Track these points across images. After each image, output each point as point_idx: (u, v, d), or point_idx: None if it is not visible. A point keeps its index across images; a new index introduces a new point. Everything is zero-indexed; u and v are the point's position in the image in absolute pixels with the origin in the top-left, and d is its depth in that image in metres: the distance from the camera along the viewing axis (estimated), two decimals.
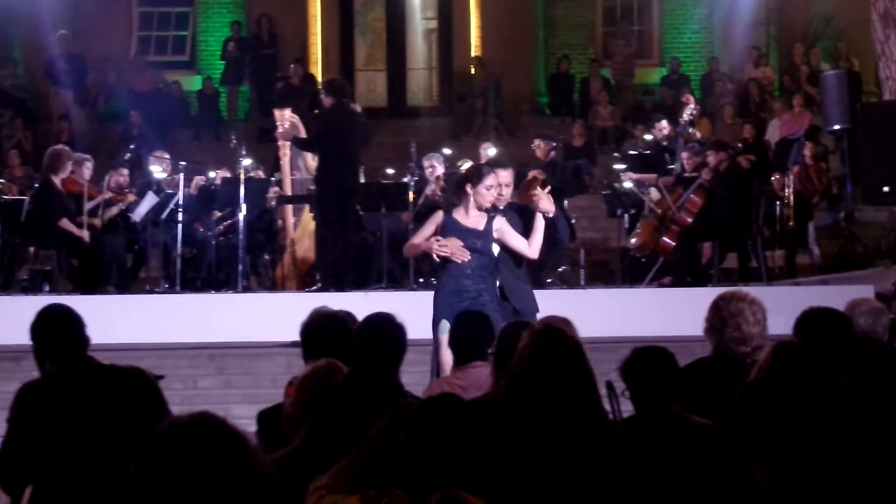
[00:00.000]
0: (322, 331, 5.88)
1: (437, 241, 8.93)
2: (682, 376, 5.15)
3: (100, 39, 22.01)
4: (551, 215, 9.15)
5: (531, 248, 9.06)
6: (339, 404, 4.42)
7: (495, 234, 8.98)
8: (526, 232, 9.07)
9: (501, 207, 9.17)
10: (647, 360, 5.16)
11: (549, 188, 9.51)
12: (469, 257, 8.86)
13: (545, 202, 9.12)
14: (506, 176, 9.25)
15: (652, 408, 5.01)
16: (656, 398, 5.02)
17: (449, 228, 8.98)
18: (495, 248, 9.02)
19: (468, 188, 9.02)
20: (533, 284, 9.96)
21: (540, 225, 9.04)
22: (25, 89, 22.84)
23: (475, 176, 9.11)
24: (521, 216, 9.21)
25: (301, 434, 4.48)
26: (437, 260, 9.02)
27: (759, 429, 3.92)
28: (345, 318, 6.06)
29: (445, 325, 8.56)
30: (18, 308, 11.96)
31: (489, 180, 8.99)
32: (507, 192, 9.26)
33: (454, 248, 8.87)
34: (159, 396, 5.68)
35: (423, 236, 9.15)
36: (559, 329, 4.99)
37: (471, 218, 9.00)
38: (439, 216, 9.16)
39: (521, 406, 3.33)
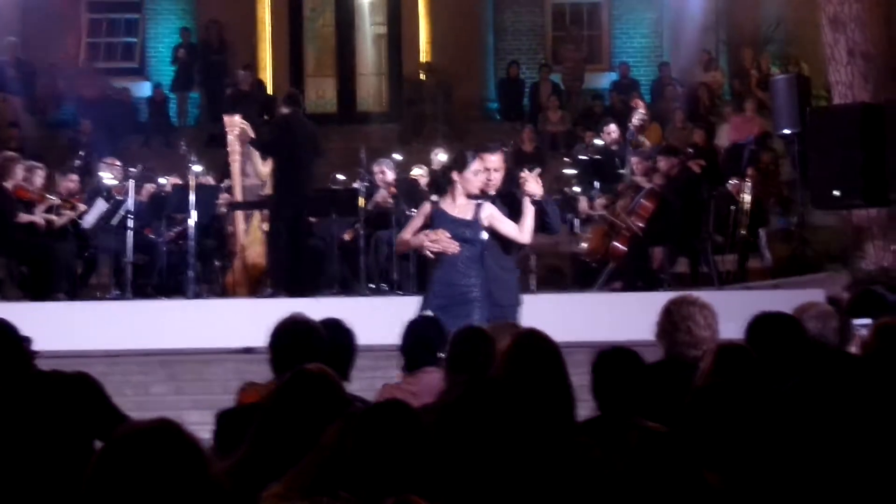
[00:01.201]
0: (291, 337, 5.83)
1: (427, 235, 8.69)
2: (648, 379, 5.14)
3: (49, 46, 21.87)
4: (538, 198, 8.86)
5: (523, 233, 8.79)
6: (278, 410, 4.40)
7: (485, 222, 8.72)
8: (514, 219, 8.81)
9: (492, 193, 8.88)
10: (614, 360, 5.14)
11: (538, 170, 9.31)
12: (458, 249, 8.62)
13: (532, 184, 8.84)
14: (495, 160, 8.88)
15: (616, 411, 5.00)
16: (622, 401, 5.01)
17: (437, 219, 8.72)
18: (484, 236, 8.75)
19: (454, 175, 8.79)
20: None
21: (530, 209, 8.77)
22: None
23: (460, 162, 8.85)
24: (509, 203, 8.93)
25: (244, 443, 4.45)
26: (431, 256, 8.78)
27: (710, 433, 3.94)
28: (316, 325, 6.01)
29: None
30: None
31: (475, 165, 8.72)
32: (497, 178, 8.91)
33: (444, 242, 8.64)
34: (106, 400, 5.67)
35: (411, 230, 8.89)
36: (540, 334, 5.01)
37: (458, 207, 8.74)
38: (427, 208, 8.91)
39: (478, 411, 3.34)
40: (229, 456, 4.45)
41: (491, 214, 8.75)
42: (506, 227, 8.78)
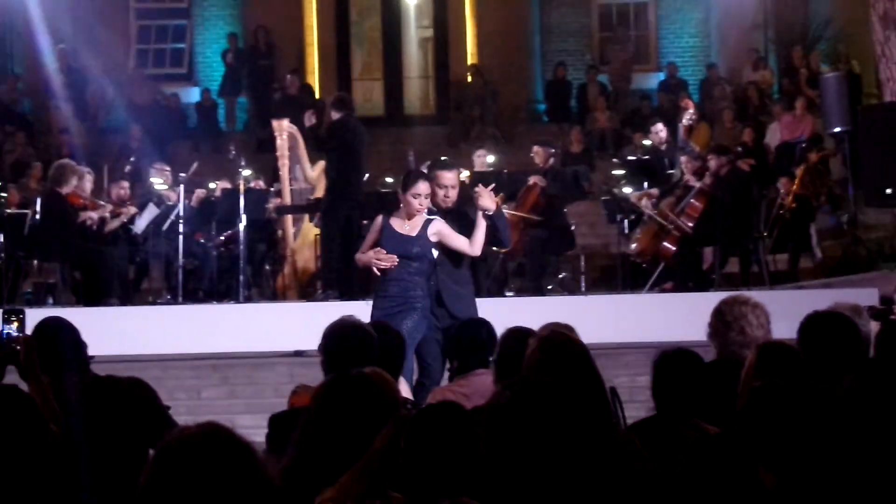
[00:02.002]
0: (343, 340, 5.84)
1: (376, 253, 8.93)
2: (707, 382, 5.11)
3: (99, 53, 22.02)
4: (491, 213, 9.08)
5: (473, 246, 9.00)
6: (317, 414, 4.39)
7: (433, 238, 8.94)
8: (466, 233, 9.02)
9: (448, 207, 9.16)
10: (675, 361, 5.11)
11: (492, 186, 9.45)
12: (395, 264, 8.85)
13: (485, 199, 9.06)
14: (450, 178, 9.18)
15: (674, 411, 4.98)
16: (680, 402, 4.99)
17: (385, 236, 8.99)
18: (435, 252, 8.97)
19: (399, 193, 9.08)
20: (477, 289, 9.91)
21: (482, 223, 8.97)
22: (26, 104, 22.86)
23: (404, 181, 9.12)
24: (462, 218, 9.17)
25: (291, 447, 4.45)
26: (378, 273, 8.98)
27: (767, 433, 3.92)
28: (367, 328, 6.02)
29: None
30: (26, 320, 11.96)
31: (418, 188, 8.92)
32: (453, 194, 9.20)
33: (386, 259, 8.87)
34: (159, 405, 5.70)
35: (366, 245, 9.15)
36: (566, 335, 4.99)
37: (407, 223, 8.97)
38: (378, 222, 9.15)
39: (529, 413, 3.33)
40: (281, 459, 4.46)
41: (439, 230, 8.97)
42: (456, 241, 9.01)
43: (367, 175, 14.59)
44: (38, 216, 14.58)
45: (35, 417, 5.25)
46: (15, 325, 5.40)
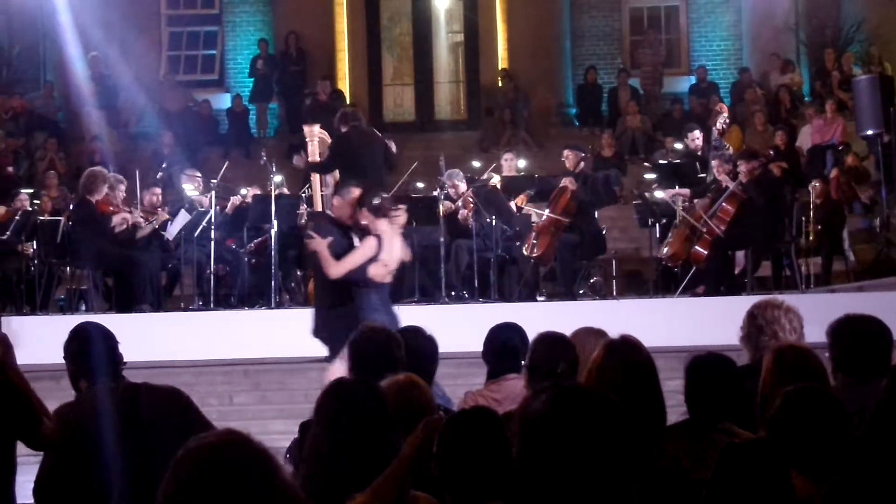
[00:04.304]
0: (370, 345, 5.84)
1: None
2: (739, 387, 5.08)
3: (130, 60, 22.12)
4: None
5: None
6: (317, 421, 4.38)
7: None
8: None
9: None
10: (708, 366, 5.08)
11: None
12: None
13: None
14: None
15: (706, 416, 4.95)
16: (713, 406, 4.96)
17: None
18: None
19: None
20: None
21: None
22: (59, 111, 22.99)
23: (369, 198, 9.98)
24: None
25: (306, 456, 4.44)
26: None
27: (802, 437, 3.90)
28: (394, 333, 6.01)
29: None
30: (56, 327, 12.04)
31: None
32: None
33: None
34: (196, 412, 5.70)
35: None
36: (635, 343, 4.97)
37: None
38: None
39: (563, 421, 3.32)
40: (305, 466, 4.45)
41: None
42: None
43: (384, 183, 14.44)
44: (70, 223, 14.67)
45: (26, 411, 5.29)
46: None
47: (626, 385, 4.52)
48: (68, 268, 15.41)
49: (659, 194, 15.95)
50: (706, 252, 14.70)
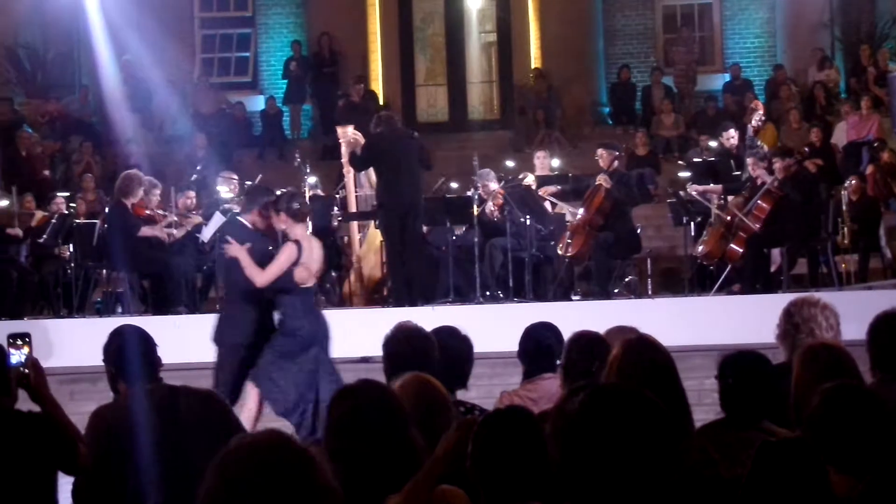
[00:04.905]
0: (402, 346, 5.85)
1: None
2: (775, 385, 5.06)
3: (164, 63, 22.20)
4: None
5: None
6: (332, 424, 4.37)
7: None
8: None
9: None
10: (740, 364, 5.06)
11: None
12: None
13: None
14: None
15: (742, 415, 4.93)
16: (748, 405, 4.94)
17: None
18: None
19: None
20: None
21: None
22: (94, 114, 23.09)
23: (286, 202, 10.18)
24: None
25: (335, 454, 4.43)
26: None
27: (840, 434, 3.88)
28: (425, 333, 6.01)
29: None
30: (93, 330, 12.11)
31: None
32: None
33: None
34: (232, 416, 5.72)
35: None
36: (651, 341, 4.96)
37: None
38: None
39: (598, 420, 3.31)
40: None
41: None
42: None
43: (418, 183, 14.43)
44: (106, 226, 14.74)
45: (65, 441, 5.30)
46: (24, 349, 5.41)
47: (644, 383, 4.50)
48: (104, 271, 15.49)
49: (691, 190, 15.90)
50: (742, 250, 14.65)
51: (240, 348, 10.01)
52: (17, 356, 5.36)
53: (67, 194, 17.73)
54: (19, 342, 5.40)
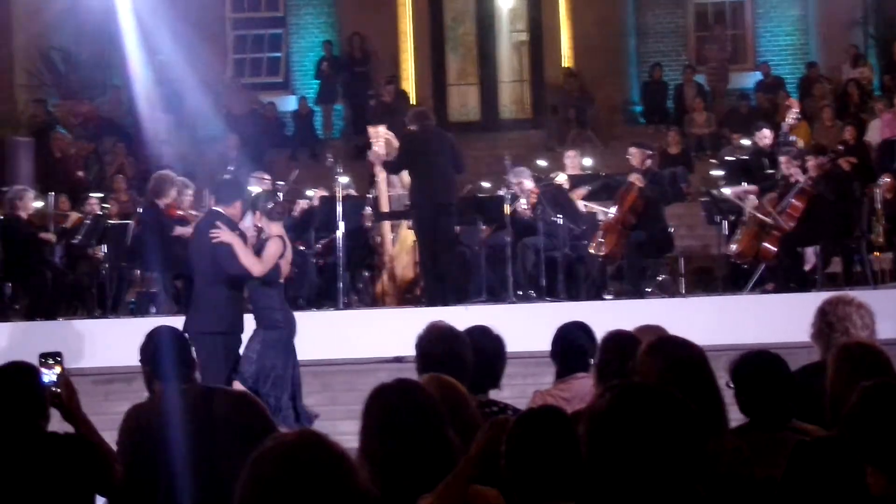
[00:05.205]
0: (435, 346, 5.85)
1: None
2: (795, 384, 5.04)
3: (195, 64, 22.26)
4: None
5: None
6: (375, 426, 4.37)
7: None
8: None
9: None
10: (759, 365, 5.03)
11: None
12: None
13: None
14: None
15: (765, 416, 4.90)
16: (773, 407, 4.91)
17: None
18: None
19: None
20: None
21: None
22: (127, 115, 23.18)
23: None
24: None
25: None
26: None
27: (879, 433, 3.86)
28: (457, 332, 6.01)
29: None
30: (127, 330, 12.16)
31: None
32: None
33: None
34: (265, 416, 5.73)
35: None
36: (680, 340, 4.93)
37: None
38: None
39: (628, 418, 3.30)
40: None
41: None
42: None
43: (452, 182, 14.40)
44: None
45: (102, 463, 5.31)
46: (56, 368, 5.41)
47: (672, 382, 4.48)
48: (138, 271, 15.55)
49: (726, 191, 15.85)
50: (775, 249, 14.60)
51: (222, 337, 10.14)
52: (49, 376, 5.36)
53: (101, 195, 17.79)
54: (51, 361, 5.40)
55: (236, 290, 10.35)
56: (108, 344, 13.26)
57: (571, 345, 6.63)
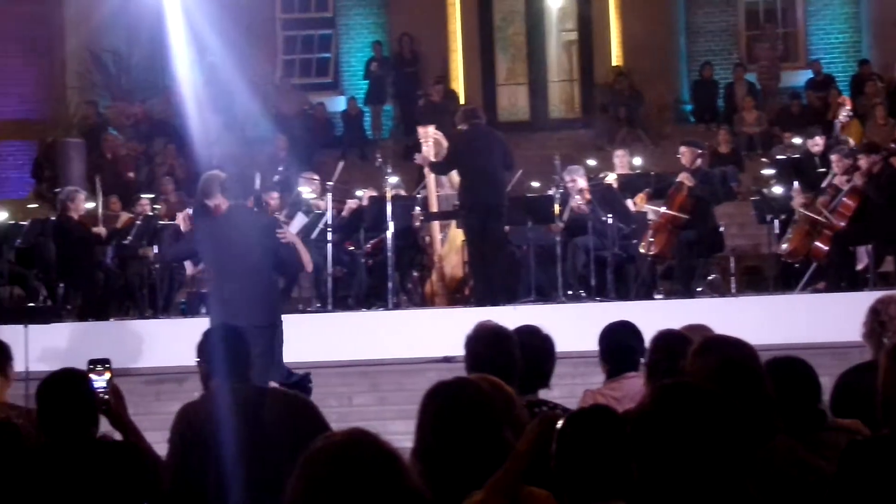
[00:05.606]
0: (484, 345, 5.84)
1: None
2: (818, 388, 4.98)
3: (245, 65, 22.36)
4: None
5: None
6: (431, 422, 4.36)
7: None
8: None
9: None
10: (787, 371, 4.98)
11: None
12: None
13: None
14: None
15: (798, 423, 4.86)
16: (801, 413, 4.87)
17: None
18: None
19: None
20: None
21: None
22: (176, 116, 23.30)
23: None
24: None
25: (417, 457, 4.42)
26: None
27: None
28: (507, 332, 6.00)
29: None
30: (178, 330, 12.26)
31: None
32: None
33: None
34: (318, 416, 5.74)
35: None
36: (729, 340, 4.89)
37: None
38: None
39: (673, 418, 3.29)
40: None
41: None
42: None
43: (502, 182, 14.38)
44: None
45: (150, 471, 5.32)
46: (105, 374, 5.42)
47: (718, 382, 4.44)
48: (188, 272, 15.62)
49: (778, 191, 15.76)
50: (827, 248, 14.50)
51: (272, 329, 10.45)
52: (98, 382, 5.38)
53: (152, 196, 17.91)
54: (100, 367, 5.41)
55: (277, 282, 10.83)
56: (160, 344, 13.36)
57: (619, 345, 6.62)
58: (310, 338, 13.08)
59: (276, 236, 10.69)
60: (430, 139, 15.14)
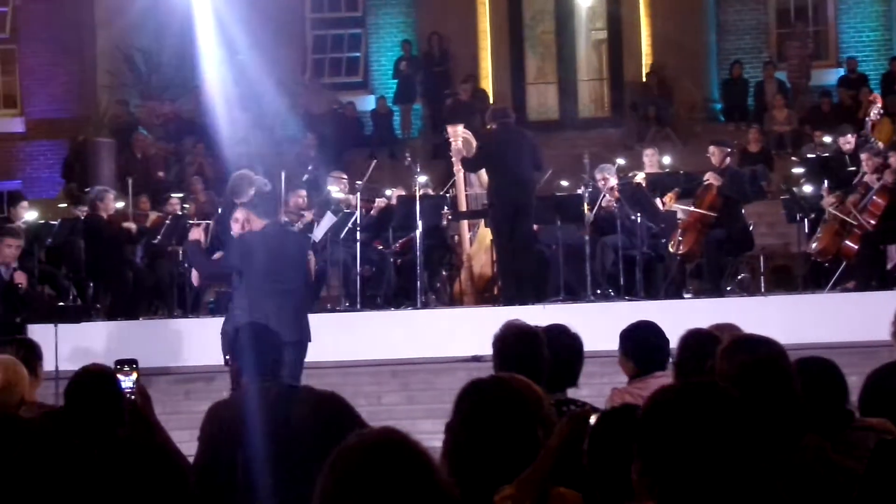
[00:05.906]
0: (512, 344, 5.84)
1: None
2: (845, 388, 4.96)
3: (275, 64, 22.41)
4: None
5: None
6: (465, 419, 4.36)
7: None
8: None
9: None
10: (815, 371, 4.96)
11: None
12: None
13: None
14: None
15: (824, 423, 4.85)
16: (826, 414, 4.85)
17: None
18: None
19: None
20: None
21: None
22: (206, 115, 23.36)
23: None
24: None
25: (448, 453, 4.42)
26: None
27: None
28: (535, 330, 6.00)
29: None
30: (207, 330, 12.28)
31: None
32: None
33: None
34: (351, 415, 5.73)
35: None
36: (754, 339, 4.88)
37: None
38: None
39: (697, 414, 3.28)
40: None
41: None
42: None
43: (531, 181, 14.37)
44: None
45: (178, 471, 5.33)
46: (133, 375, 5.42)
47: (742, 381, 4.42)
48: None
49: (808, 190, 15.70)
50: (857, 247, 14.44)
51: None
52: (125, 382, 5.37)
53: (181, 195, 17.96)
54: (127, 368, 5.41)
55: None
56: (189, 343, 13.40)
57: (647, 344, 6.60)
58: (339, 337, 13.10)
59: (308, 254, 10.56)
60: (459, 138, 15.15)
